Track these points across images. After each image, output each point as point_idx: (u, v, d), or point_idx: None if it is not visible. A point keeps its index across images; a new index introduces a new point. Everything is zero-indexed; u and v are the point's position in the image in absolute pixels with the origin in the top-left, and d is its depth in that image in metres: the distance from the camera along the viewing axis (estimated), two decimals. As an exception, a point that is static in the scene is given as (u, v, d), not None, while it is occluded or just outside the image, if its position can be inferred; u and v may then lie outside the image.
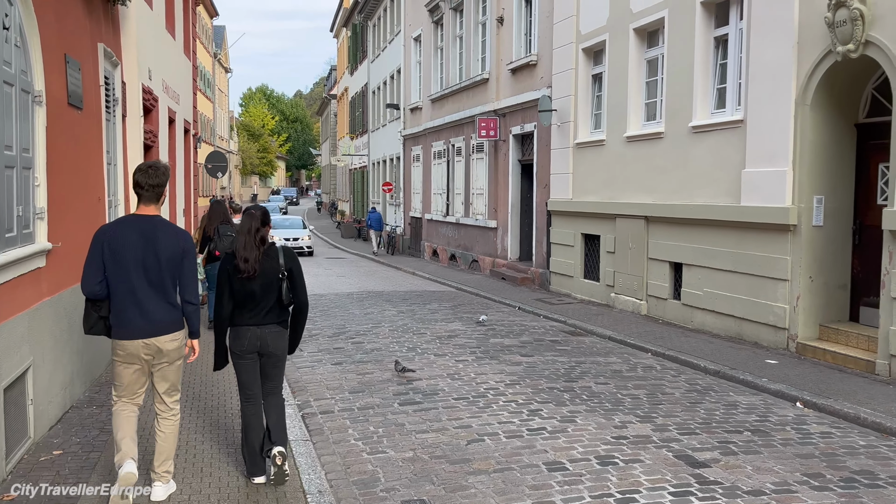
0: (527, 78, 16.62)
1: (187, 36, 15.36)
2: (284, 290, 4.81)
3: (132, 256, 4.33)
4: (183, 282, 4.47)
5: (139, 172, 4.44)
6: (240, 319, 4.83)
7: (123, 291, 4.35)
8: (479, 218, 19.52)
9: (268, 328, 4.83)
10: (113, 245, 4.33)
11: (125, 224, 4.43)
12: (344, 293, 16.12)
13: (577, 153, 14.32)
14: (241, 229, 4.85)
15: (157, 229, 4.41)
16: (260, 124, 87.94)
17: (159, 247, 4.36)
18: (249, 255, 4.74)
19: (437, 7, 22.43)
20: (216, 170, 18.31)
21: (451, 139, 21.67)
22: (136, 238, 4.34)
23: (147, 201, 4.47)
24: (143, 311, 4.35)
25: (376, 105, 33.84)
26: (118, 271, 4.33)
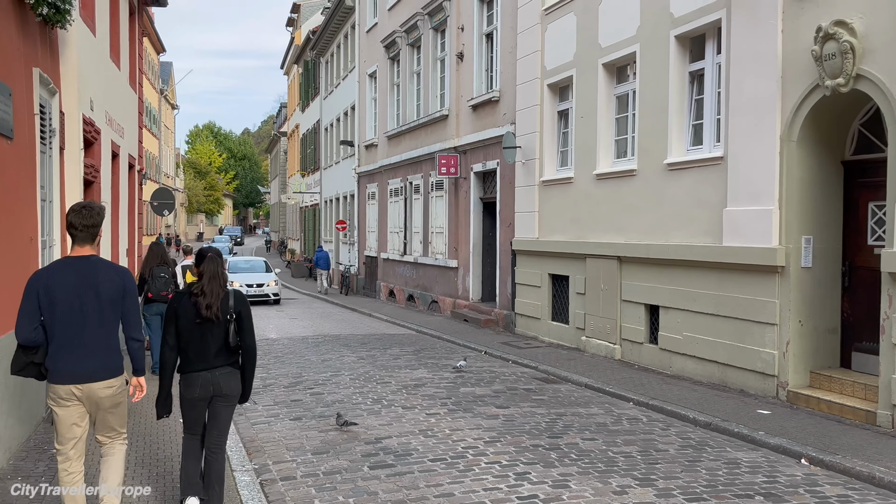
0: (489, 114, 16.22)
1: (133, 67, 14.55)
2: (231, 333, 4.71)
3: (70, 300, 4.21)
4: (126, 319, 4.38)
5: (73, 213, 4.30)
6: (189, 365, 4.72)
7: (60, 336, 4.23)
8: (438, 257, 18.92)
9: (219, 370, 4.75)
10: (49, 289, 4.20)
11: (61, 267, 4.30)
12: (298, 337, 15.26)
13: (543, 191, 13.88)
14: (205, 272, 4.73)
15: (97, 269, 4.30)
16: (207, 162, 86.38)
17: (100, 286, 4.26)
18: (214, 301, 4.66)
19: (394, 43, 22.04)
20: (162, 207, 17.36)
21: (409, 176, 21.13)
22: (74, 280, 4.22)
23: (82, 242, 4.32)
24: (79, 356, 4.24)
25: (329, 142, 33.21)
26: (55, 316, 4.21)
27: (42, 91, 7.64)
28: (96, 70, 10.57)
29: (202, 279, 4.74)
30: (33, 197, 7.19)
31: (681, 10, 10.10)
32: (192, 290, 4.72)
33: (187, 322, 4.67)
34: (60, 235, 8.55)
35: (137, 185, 15.24)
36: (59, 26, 7.75)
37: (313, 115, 37.23)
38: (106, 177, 11.29)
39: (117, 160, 12.61)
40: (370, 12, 25.28)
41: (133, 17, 14.83)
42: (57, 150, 8.41)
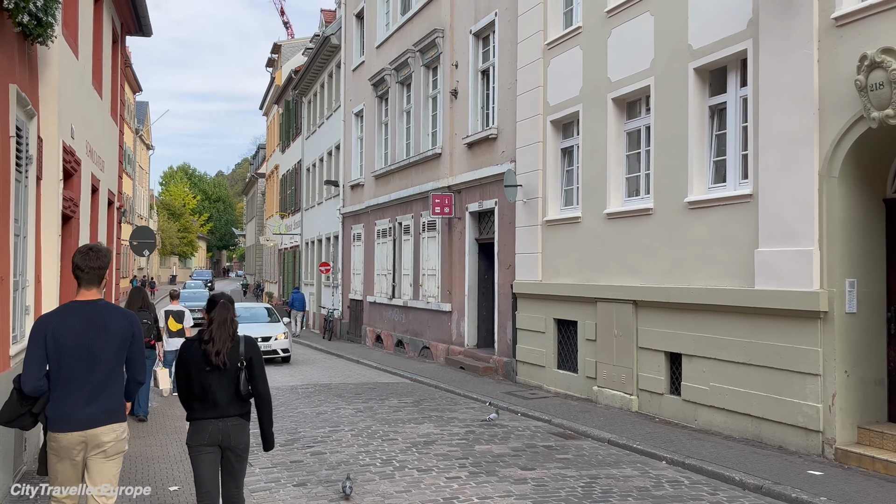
0: (485, 152, 15.67)
1: (115, 98, 13.80)
2: (242, 381, 4.63)
3: (77, 345, 4.12)
4: (132, 363, 4.34)
5: (79, 255, 4.26)
6: (199, 412, 4.64)
7: (65, 382, 4.13)
8: (430, 301, 18.15)
9: (230, 420, 4.64)
10: (57, 335, 4.11)
11: (68, 311, 4.22)
12: (287, 387, 14.32)
13: (546, 231, 13.25)
14: (215, 318, 4.65)
15: (104, 313, 4.23)
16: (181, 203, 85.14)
17: (109, 332, 4.20)
18: (222, 348, 4.58)
19: (383, 81, 21.57)
20: (143, 247, 16.46)
21: (398, 217, 20.46)
22: (81, 325, 4.15)
23: (88, 285, 4.26)
24: (84, 403, 4.15)
25: (311, 182, 32.53)
26: (62, 362, 4.11)
27: (19, 112, 6.87)
28: (78, 96, 9.82)
29: (211, 325, 4.64)
30: (5, 231, 6.37)
31: (700, 42, 9.64)
32: (201, 338, 4.62)
33: (196, 369, 4.59)
34: (35, 276, 7.69)
35: (116, 223, 14.37)
36: (39, 42, 7.02)
37: (294, 156, 36.59)
38: (85, 212, 10.45)
39: (97, 195, 11.79)
40: (356, 51, 24.87)
41: (116, 46, 14.14)
42: (33, 180, 7.60)
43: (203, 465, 4.64)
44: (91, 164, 10.99)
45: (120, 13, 13.91)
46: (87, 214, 10.65)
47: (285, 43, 42.96)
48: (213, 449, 4.64)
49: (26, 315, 7.59)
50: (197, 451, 4.64)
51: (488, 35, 16.04)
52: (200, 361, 4.59)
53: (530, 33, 13.68)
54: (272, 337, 18.70)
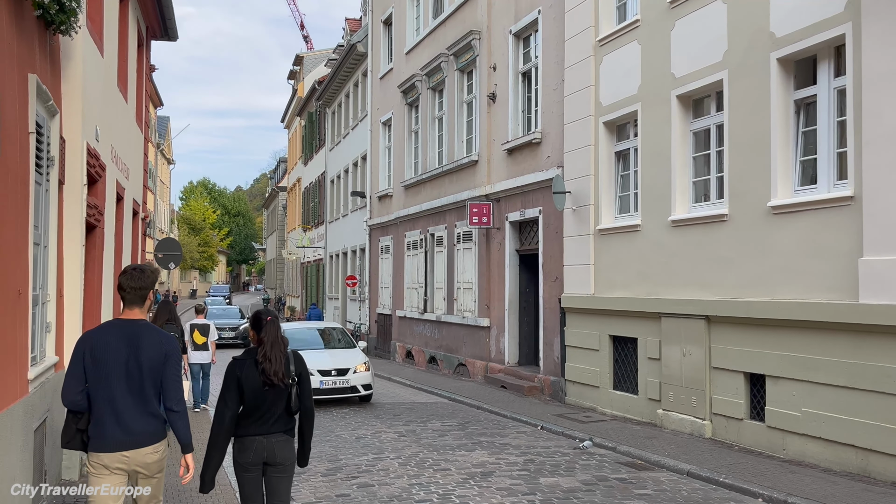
0: (528, 158, 14.80)
1: (140, 103, 13.09)
2: (293, 397, 4.66)
3: (115, 363, 4.16)
4: (166, 388, 4.28)
5: (124, 275, 4.32)
6: (245, 429, 4.62)
7: (103, 401, 4.17)
8: (466, 315, 17.25)
9: (275, 437, 4.65)
10: (96, 352, 4.17)
11: (109, 329, 4.28)
12: (319, 407, 13.45)
13: (599, 241, 12.34)
14: (266, 338, 4.64)
15: (142, 334, 4.25)
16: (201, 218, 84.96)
17: (142, 352, 4.22)
18: (280, 367, 4.60)
19: (413, 88, 20.79)
20: (168, 260, 15.69)
21: (430, 228, 19.61)
22: (119, 344, 4.20)
23: (130, 305, 4.32)
24: (123, 422, 4.17)
25: (335, 194, 31.81)
26: (99, 380, 4.16)
27: (39, 107, 6.09)
28: (103, 96, 9.07)
29: (264, 345, 4.61)
30: (24, 239, 5.57)
31: (785, 29, 8.73)
32: (256, 358, 4.60)
33: (252, 388, 4.57)
34: (57, 290, 6.90)
35: (141, 234, 13.63)
36: (62, 31, 6.24)
37: (317, 168, 35.93)
38: (109, 222, 9.68)
39: (122, 205, 11.03)
40: (384, 58, 24.15)
41: (141, 50, 13.45)
42: (55, 184, 6.82)
43: (249, 484, 4.68)
44: (116, 170, 10.24)
45: (146, 16, 13.22)
46: (111, 224, 9.88)
47: (307, 54, 42.46)
48: (258, 468, 4.67)
49: (47, 333, 6.79)
50: (243, 468, 4.66)
51: (530, 35, 15.22)
52: (257, 381, 4.56)
53: (579, 30, 12.83)
54: (350, 368, 13.50)
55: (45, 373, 6.24)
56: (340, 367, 13.49)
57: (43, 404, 6.15)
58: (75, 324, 7.47)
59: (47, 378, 6.37)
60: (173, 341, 4.43)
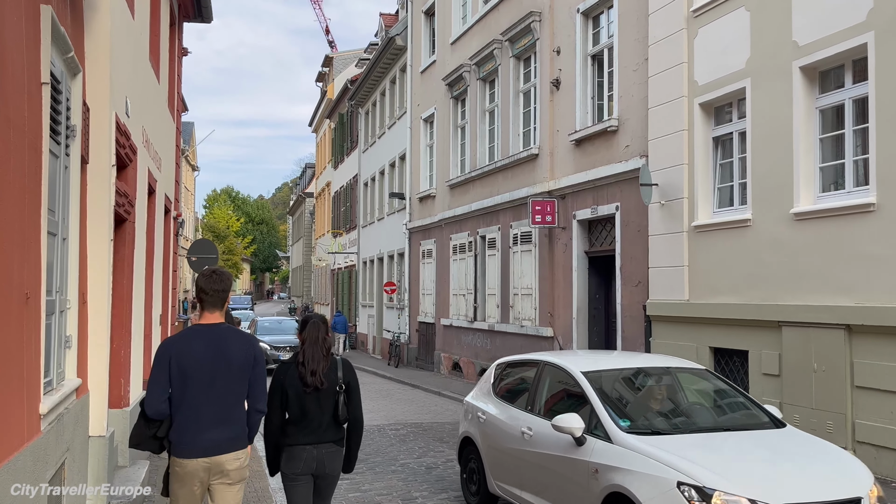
0: (601, 149, 13.26)
1: (172, 88, 11.75)
2: (341, 405, 4.55)
3: (202, 369, 4.11)
4: (253, 389, 4.24)
5: (203, 278, 4.27)
6: (294, 438, 4.54)
7: (188, 407, 4.11)
8: (525, 324, 15.70)
9: (325, 447, 4.56)
10: (181, 359, 4.11)
11: (192, 335, 4.21)
12: (372, 426, 11.99)
13: (695, 239, 10.77)
14: (307, 339, 4.60)
15: (226, 337, 4.20)
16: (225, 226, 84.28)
17: (231, 356, 4.16)
18: (317, 367, 4.51)
19: (460, 80, 19.33)
20: (203, 263, 14.23)
21: (480, 229, 18.11)
22: (204, 349, 4.14)
23: (211, 308, 4.25)
24: (208, 428, 4.11)
25: (369, 198, 30.43)
26: (184, 386, 4.10)
27: (56, 56, 4.69)
28: (134, 67, 7.69)
29: (303, 347, 4.59)
30: (33, 225, 4.14)
31: (959, -24, 7.15)
32: (297, 360, 4.56)
33: (295, 392, 4.51)
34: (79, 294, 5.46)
35: (173, 234, 12.26)
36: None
37: (349, 171, 34.61)
38: (141, 216, 8.29)
39: (153, 199, 9.65)
40: (426, 50, 22.75)
41: (173, 30, 12.13)
42: (77, 162, 5.40)
43: (298, 495, 4.57)
44: (148, 157, 8.86)
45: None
46: (142, 219, 8.50)
47: (337, 55, 41.25)
48: (307, 478, 4.56)
49: (67, 349, 5.36)
50: (292, 479, 4.56)
51: (601, 12, 13.70)
52: (298, 383, 4.50)
53: (667, 0, 11.29)
54: None
55: (63, 401, 4.79)
56: None
57: (60, 445, 4.70)
58: (101, 337, 6.06)
59: (66, 408, 4.93)
60: (257, 342, 4.39)
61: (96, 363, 6.01)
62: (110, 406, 7.00)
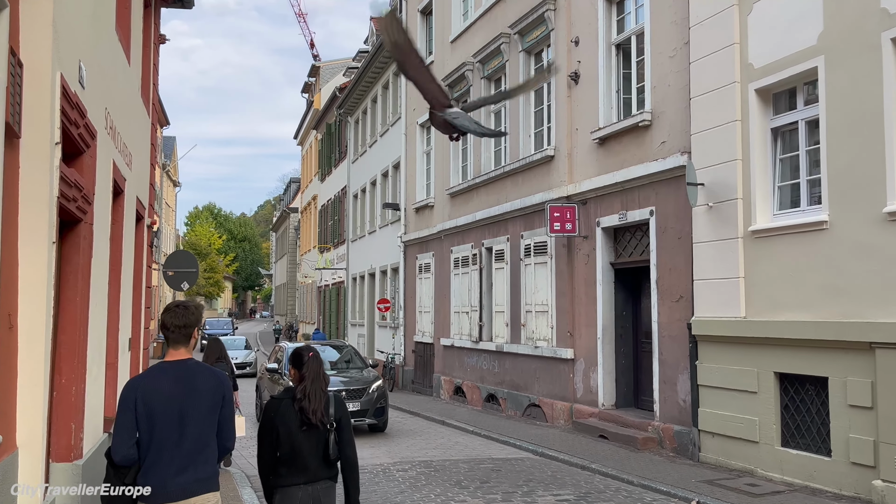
0: (630, 147, 11.83)
1: (148, 75, 10.16)
2: (332, 444, 4.36)
3: (169, 409, 3.84)
4: (223, 428, 4.02)
5: (167, 313, 4.03)
6: (287, 478, 4.32)
7: (156, 450, 3.82)
8: (540, 345, 14.16)
9: (320, 485, 4.36)
10: (147, 398, 3.84)
11: (157, 373, 3.97)
12: (374, 466, 10.39)
13: (753, 247, 9.32)
14: (308, 374, 4.40)
15: (195, 375, 3.98)
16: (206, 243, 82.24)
17: (200, 394, 3.93)
18: (318, 406, 4.32)
19: (462, 79, 17.90)
20: (181, 279, 12.47)
21: (486, 240, 16.60)
22: (172, 388, 3.89)
23: (175, 344, 4.02)
24: (177, 471, 3.83)
25: (359, 210, 28.86)
26: (152, 428, 3.81)
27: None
28: (95, 31, 6.14)
29: (304, 382, 4.37)
30: None
31: None
32: (294, 395, 4.35)
33: (287, 430, 4.29)
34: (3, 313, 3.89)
35: (147, 246, 10.62)
36: None
37: (337, 183, 33.04)
38: (103, 218, 6.69)
39: (121, 200, 8.04)
40: (422, 51, 21.28)
41: (149, 12, 10.57)
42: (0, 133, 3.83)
43: None
44: (113, 148, 7.27)
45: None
46: (104, 222, 6.88)
47: (324, 64, 39.77)
48: None
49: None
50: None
51: (627, -4, 12.34)
52: (294, 421, 4.31)
53: (714, -25, 9.92)
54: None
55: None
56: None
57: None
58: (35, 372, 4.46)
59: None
60: (227, 379, 4.14)
61: (28, 407, 4.42)
62: (54, 459, 5.39)
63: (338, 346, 16.66)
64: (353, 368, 14.77)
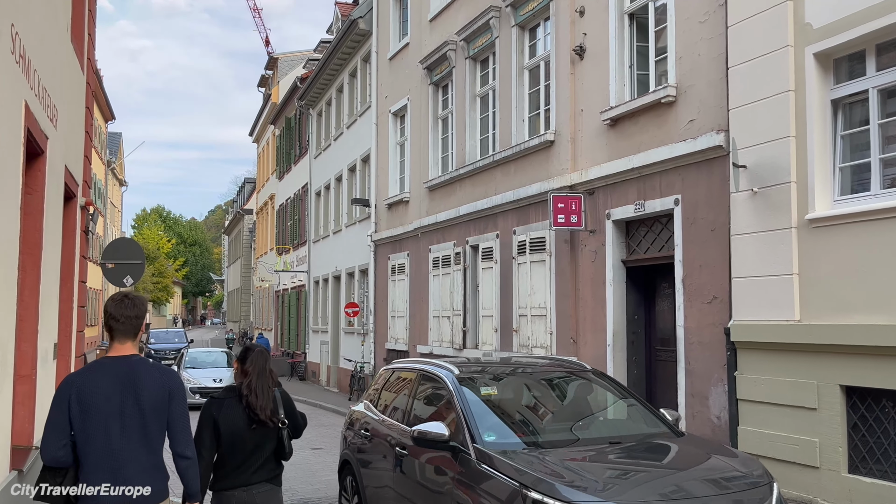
0: (650, 127, 10.37)
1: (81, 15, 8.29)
2: (286, 440, 4.23)
3: (106, 408, 3.56)
4: (173, 430, 3.68)
5: (112, 302, 3.74)
6: (222, 482, 4.16)
7: (96, 454, 3.54)
8: (537, 352, 12.59)
9: (257, 488, 4.16)
10: (82, 396, 3.56)
11: (97, 368, 3.69)
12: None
13: (810, 238, 7.90)
14: (253, 368, 4.23)
15: (137, 370, 3.67)
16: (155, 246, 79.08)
17: (141, 391, 3.62)
18: (266, 402, 4.17)
19: (443, 60, 16.31)
20: (123, 272, 10.33)
21: (471, 238, 15.02)
22: (110, 384, 3.60)
23: (122, 337, 3.71)
24: (120, 478, 3.53)
25: (322, 209, 27.05)
26: (89, 429, 3.55)
27: None
28: None
29: (250, 376, 4.21)
30: None
31: None
32: (240, 390, 4.18)
33: (231, 429, 4.10)
34: None
35: (80, 231, 8.72)
36: None
37: (298, 180, 31.14)
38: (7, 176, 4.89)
39: (41, 164, 6.22)
40: (394, 34, 19.70)
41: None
42: None
43: None
44: (25, 84, 5.47)
45: None
46: (11, 183, 5.08)
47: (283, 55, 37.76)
48: None
49: None
50: None
51: (644, -42, 10.90)
52: (241, 419, 4.11)
53: (760, -78, 8.51)
54: None
55: None
56: None
57: None
58: None
59: None
60: (175, 375, 3.81)
61: None
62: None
63: None
64: None
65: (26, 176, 5.91)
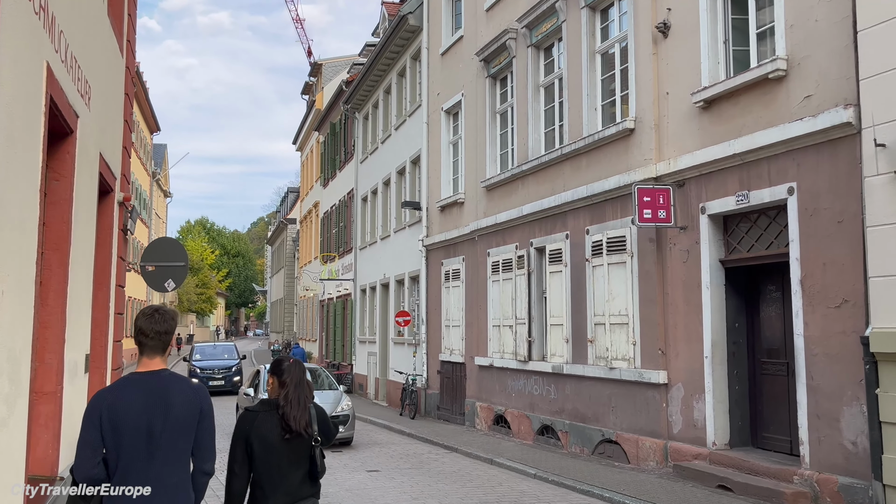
0: (754, 107, 9.10)
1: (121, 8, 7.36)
2: (319, 458, 4.07)
3: (136, 425, 3.48)
4: (200, 447, 3.61)
5: (143, 317, 3.62)
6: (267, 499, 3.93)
7: (124, 470, 3.48)
8: (618, 365, 11.34)
9: None
10: (113, 413, 3.47)
11: (127, 384, 3.59)
12: None
13: (976, 227, 6.57)
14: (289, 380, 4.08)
15: (168, 386, 3.58)
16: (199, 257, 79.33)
17: (172, 408, 3.53)
18: (302, 414, 4.02)
19: (502, 50, 15.19)
20: (165, 276, 9.37)
21: (535, 239, 13.83)
22: (141, 400, 3.51)
23: (151, 353, 3.61)
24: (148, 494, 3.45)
25: (369, 214, 26.08)
26: (119, 446, 3.47)
27: None
28: None
29: (286, 388, 4.05)
30: None
31: None
32: (277, 403, 4.01)
33: (265, 444, 3.92)
34: None
35: (118, 229, 7.77)
36: None
37: (343, 186, 30.29)
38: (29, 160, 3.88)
39: (67, 147, 5.24)
40: (446, 27, 18.68)
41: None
42: None
43: None
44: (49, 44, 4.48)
45: None
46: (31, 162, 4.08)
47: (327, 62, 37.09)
48: None
49: None
50: None
51: (743, -82, 9.66)
52: (274, 431, 3.94)
53: None
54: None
55: None
56: None
57: None
58: None
59: None
60: (205, 392, 3.71)
61: None
62: None
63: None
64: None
65: (52, 158, 4.94)
